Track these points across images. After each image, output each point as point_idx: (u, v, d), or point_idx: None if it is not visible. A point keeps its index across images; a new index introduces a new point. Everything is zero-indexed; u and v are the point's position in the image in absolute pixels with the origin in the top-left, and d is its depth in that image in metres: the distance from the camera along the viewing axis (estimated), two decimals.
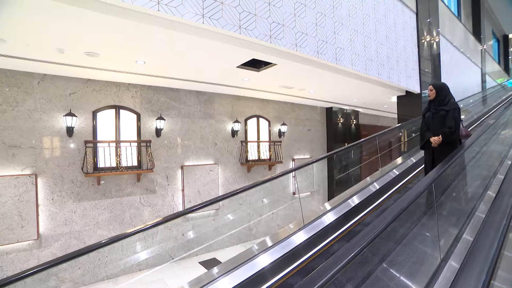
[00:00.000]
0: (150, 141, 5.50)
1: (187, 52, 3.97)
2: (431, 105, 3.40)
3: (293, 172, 7.93)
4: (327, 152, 8.89)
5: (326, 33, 4.75)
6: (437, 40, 8.37)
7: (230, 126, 6.90)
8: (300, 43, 4.29)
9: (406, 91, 7.16)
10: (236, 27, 3.51)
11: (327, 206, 3.84)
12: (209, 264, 5.75)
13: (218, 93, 6.66)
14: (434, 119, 3.33)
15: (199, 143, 6.37)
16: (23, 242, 4.40)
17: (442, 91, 3.31)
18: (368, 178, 4.73)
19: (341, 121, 9.04)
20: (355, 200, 3.99)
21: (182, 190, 6.03)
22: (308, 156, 8.43)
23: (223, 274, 2.59)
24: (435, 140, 3.23)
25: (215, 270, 2.69)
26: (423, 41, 7.71)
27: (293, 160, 8.10)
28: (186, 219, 6.04)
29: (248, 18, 3.64)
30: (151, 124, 5.68)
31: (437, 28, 8.45)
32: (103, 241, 2.20)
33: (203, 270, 5.50)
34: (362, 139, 5.41)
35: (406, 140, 6.46)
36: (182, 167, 6.04)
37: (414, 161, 5.36)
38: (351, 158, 8.89)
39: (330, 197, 8.71)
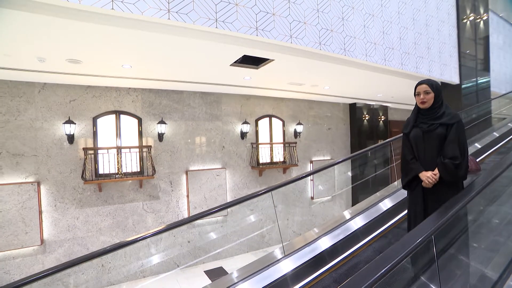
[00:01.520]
0: (150, 147, 5.37)
1: (169, 53, 3.68)
2: (419, 117, 2.16)
3: (311, 175, 7.36)
4: (351, 152, 8.10)
5: (330, 20, 4.12)
6: (484, 18, 7.08)
7: (239, 127, 6.54)
8: (296, 34, 3.75)
9: (441, 83, 6.13)
10: (211, 20, 3.12)
11: (346, 214, 3.35)
12: (214, 273, 5.48)
13: (225, 93, 6.33)
14: (425, 140, 2.10)
15: (205, 146, 6.12)
16: (28, 247, 4.53)
17: (440, 94, 2.12)
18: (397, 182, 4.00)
19: (367, 118, 8.15)
20: (382, 207, 3.43)
21: (187, 196, 5.83)
22: (328, 158, 7.74)
23: None
24: (429, 178, 2.02)
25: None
26: (465, 20, 6.55)
27: (311, 162, 7.48)
28: (192, 226, 5.84)
29: (228, 9, 3.22)
30: (153, 128, 5.55)
31: (486, 3, 7.15)
32: (107, 248, 2.07)
33: (207, 280, 5.25)
34: (391, 138, 4.59)
35: None
36: (186, 172, 5.84)
37: None
38: (379, 158, 7.98)
39: (354, 202, 7.93)
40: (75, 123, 4.78)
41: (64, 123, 4.66)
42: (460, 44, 6.40)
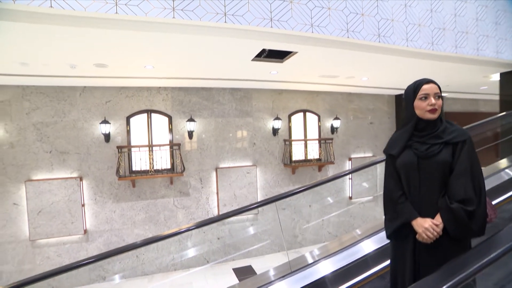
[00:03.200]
0: (179, 144, 5.47)
1: (183, 51, 3.61)
2: (414, 134, 1.49)
3: (350, 174, 6.81)
4: None
5: (361, 3, 3.61)
6: None
7: (270, 123, 6.30)
8: (318, 22, 3.36)
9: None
10: (220, 15, 2.94)
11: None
12: (242, 272, 5.44)
13: (255, 88, 6.13)
14: (422, 169, 1.44)
15: (235, 143, 6.04)
16: (74, 236, 5.02)
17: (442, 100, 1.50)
18: None
19: None
20: None
21: (216, 193, 5.85)
22: (370, 155, 7.06)
23: None
24: (428, 232, 1.36)
25: None
26: None
27: (350, 159, 6.90)
28: (222, 223, 5.85)
29: (238, 1, 3.00)
30: (183, 126, 5.64)
31: None
32: (143, 241, 2.21)
33: (234, 278, 5.23)
34: None
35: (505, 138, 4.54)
36: (216, 169, 5.85)
37: None
38: None
39: None
40: (110, 123, 5.08)
41: (100, 123, 4.99)
42: None
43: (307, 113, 6.64)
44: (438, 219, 1.38)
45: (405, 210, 1.47)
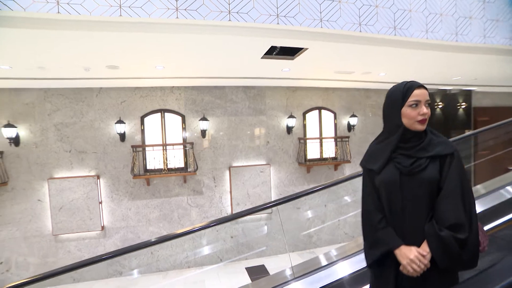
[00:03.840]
0: (192, 143, 5.50)
1: (189, 51, 3.58)
2: (399, 146, 1.28)
3: None
4: None
5: None
6: None
7: (284, 121, 6.18)
8: (328, 16, 3.21)
9: None
10: (224, 13, 2.87)
11: None
12: (255, 271, 5.41)
13: (268, 86, 6.03)
14: (406, 189, 1.24)
15: (248, 142, 5.99)
16: (92, 232, 5.21)
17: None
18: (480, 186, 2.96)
19: (441, 106, 6.75)
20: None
21: (230, 192, 5.84)
22: None
23: None
24: (413, 264, 1.16)
25: None
26: None
27: None
28: (236, 222, 5.84)
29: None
30: (196, 125, 5.67)
31: None
32: (157, 239, 2.28)
33: (246, 277, 5.22)
34: (476, 130, 3.44)
35: None
36: (229, 168, 5.84)
37: None
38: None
39: None
40: (125, 123, 5.20)
41: (115, 123, 5.12)
42: None
43: (323, 111, 6.45)
44: (425, 248, 1.16)
45: (386, 237, 1.25)
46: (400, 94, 1.25)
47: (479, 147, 6.42)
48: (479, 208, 2.53)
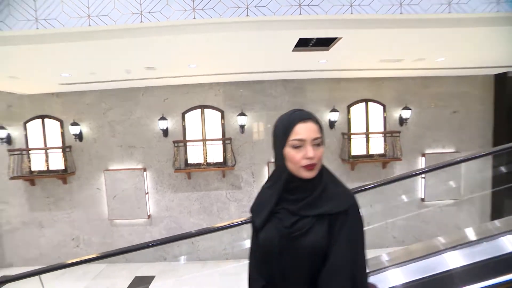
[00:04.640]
0: (231, 139, 5.56)
1: (217, 49, 3.54)
2: (284, 196, 0.98)
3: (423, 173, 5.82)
4: (494, 143, 5.80)
5: None
6: None
7: (326, 116, 5.81)
8: (358, 1, 2.81)
9: None
10: (241, 8, 2.74)
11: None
12: None
13: (308, 79, 5.72)
14: (284, 252, 0.95)
15: None
16: (140, 219, 5.72)
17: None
18: None
19: None
20: None
21: None
22: (451, 150, 5.84)
23: None
24: None
25: None
26: None
27: (423, 155, 5.86)
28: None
29: None
30: (235, 120, 5.69)
31: None
32: (197, 231, 2.36)
33: None
34: None
35: None
36: (268, 164, 5.76)
37: None
38: None
39: (495, 211, 5.78)
40: (167, 119, 5.50)
41: (159, 120, 5.44)
42: None
43: (370, 103, 5.87)
44: None
45: None
46: (281, 129, 0.98)
47: None
48: None
